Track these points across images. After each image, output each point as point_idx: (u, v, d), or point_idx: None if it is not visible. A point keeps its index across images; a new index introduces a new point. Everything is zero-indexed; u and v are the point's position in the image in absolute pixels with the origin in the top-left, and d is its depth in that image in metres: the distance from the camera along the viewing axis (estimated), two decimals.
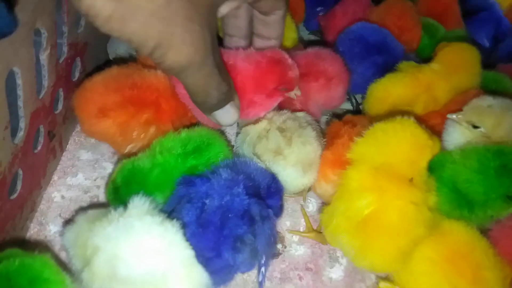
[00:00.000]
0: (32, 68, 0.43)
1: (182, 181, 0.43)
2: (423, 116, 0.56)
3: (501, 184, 0.46)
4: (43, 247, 0.48)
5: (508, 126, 0.48)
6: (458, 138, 0.51)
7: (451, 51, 0.58)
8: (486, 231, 0.47)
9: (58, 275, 0.35)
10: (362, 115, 0.59)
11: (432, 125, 0.54)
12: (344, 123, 0.53)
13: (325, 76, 0.57)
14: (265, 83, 0.50)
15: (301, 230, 0.53)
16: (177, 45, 0.37)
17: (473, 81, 0.58)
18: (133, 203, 0.39)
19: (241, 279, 0.48)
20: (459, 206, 0.48)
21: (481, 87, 0.57)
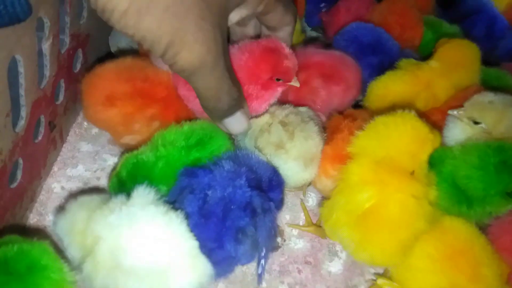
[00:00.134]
0: (34, 57, 0.43)
1: (184, 172, 0.43)
2: (423, 112, 0.56)
3: (501, 180, 0.46)
4: (42, 236, 0.47)
5: (509, 122, 0.48)
6: (458, 134, 0.51)
7: (450, 48, 0.58)
8: (484, 227, 0.47)
9: (56, 262, 0.35)
10: (362, 108, 0.58)
11: (432, 121, 0.54)
12: (344, 117, 0.53)
13: (346, 83, 0.57)
14: (259, 73, 0.48)
15: (300, 224, 0.53)
16: (190, 43, 0.37)
17: (473, 78, 0.58)
18: (137, 192, 0.39)
19: (240, 272, 0.48)
20: (458, 201, 0.47)
21: (483, 84, 0.57)
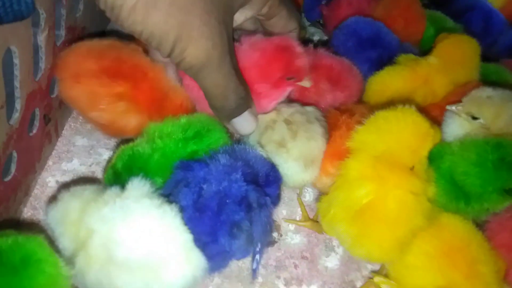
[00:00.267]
0: (29, 48, 0.43)
1: (180, 165, 0.43)
2: (422, 108, 0.56)
3: (499, 177, 0.46)
4: (36, 231, 0.46)
5: (507, 117, 0.48)
6: (457, 129, 0.51)
7: (450, 44, 0.57)
8: (482, 224, 0.47)
9: (51, 256, 0.35)
10: (359, 103, 0.58)
11: (431, 117, 0.53)
12: (341, 113, 0.52)
13: (350, 91, 0.57)
14: (270, 71, 0.48)
15: (297, 219, 0.53)
16: (196, 38, 0.38)
17: (472, 74, 0.58)
18: (131, 185, 0.38)
19: (236, 267, 0.48)
20: (456, 198, 0.47)
21: (481, 79, 0.57)
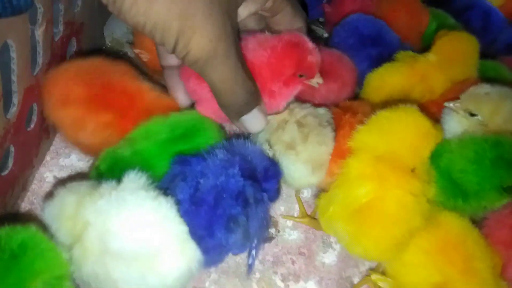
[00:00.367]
0: (27, 42, 0.43)
1: (177, 160, 0.43)
2: (421, 105, 0.56)
3: (496, 175, 0.46)
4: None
5: (505, 114, 0.48)
6: (455, 126, 0.51)
7: (449, 41, 0.57)
8: (479, 222, 0.47)
9: (48, 242, 0.35)
10: (361, 100, 0.58)
11: (429, 114, 0.53)
12: (343, 111, 0.51)
13: (342, 81, 0.56)
14: (282, 69, 0.46)
15: (295, 215, 0.53)
16: (200, 27, 0.38)
17: (471, 72, 0.57)
18: (127, 177, 0.38)
19: (233, 262, 0.48)
20: (453, 195, 0.47)
21: (479, 76, 0.57)
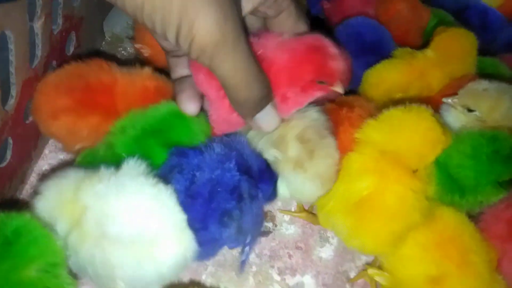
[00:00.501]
0: (25, 34, 0.43)
1: (175, 152, 0.43)
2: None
3: (493, 170, 0.46)
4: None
5: (503, 110, 0.48)
6: (453, 122, 0.51)
7: (447, 37, 0.57)
8: (475, 216, 0.47)
9: (43, 230, 0.35)
10: (356, 95, 0.57)
11: None
12: (339, 107, 0.50)
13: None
14: (300, 74, 0.43)
15: (292, 210, 0.53)
16: (204, 7, 0.33)
17: (469, 68, 0.57)
18: (127, 164, 0.38)
19: (230, 255, 0.48)
20: (450, 190, 0.47)
21: (477, 72, 0.57)
